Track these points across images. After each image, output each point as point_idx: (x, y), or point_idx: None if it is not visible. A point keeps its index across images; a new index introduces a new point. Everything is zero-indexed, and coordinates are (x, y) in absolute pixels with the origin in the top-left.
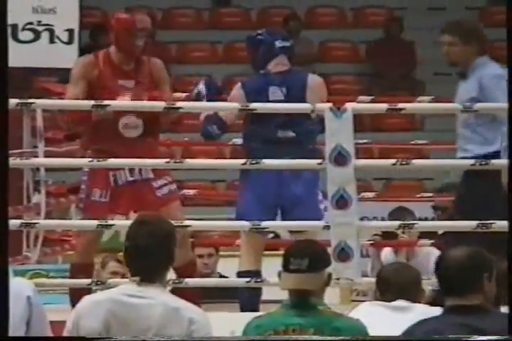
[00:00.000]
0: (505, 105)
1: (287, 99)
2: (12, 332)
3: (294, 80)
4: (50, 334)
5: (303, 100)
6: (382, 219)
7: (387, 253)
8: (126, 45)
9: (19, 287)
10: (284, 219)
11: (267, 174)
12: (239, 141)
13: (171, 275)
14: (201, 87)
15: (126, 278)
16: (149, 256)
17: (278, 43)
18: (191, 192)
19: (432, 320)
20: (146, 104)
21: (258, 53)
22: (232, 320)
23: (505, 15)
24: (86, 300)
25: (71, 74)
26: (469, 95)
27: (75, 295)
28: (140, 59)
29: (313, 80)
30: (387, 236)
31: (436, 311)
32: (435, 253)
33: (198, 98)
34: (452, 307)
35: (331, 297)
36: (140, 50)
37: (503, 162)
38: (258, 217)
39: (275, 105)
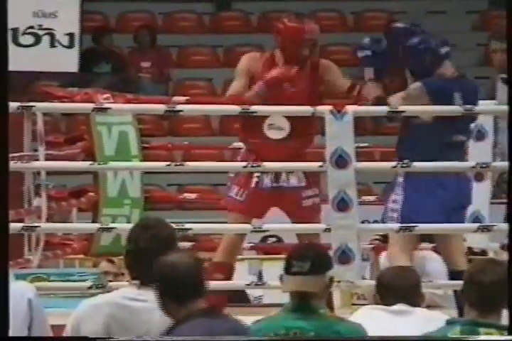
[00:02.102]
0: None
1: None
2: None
3: (468, 87)
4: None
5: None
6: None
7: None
8: (293, 53)
9: (21, 290)
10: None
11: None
12: (240, 144)
13: None
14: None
15: (118, 277)
16: (150, 259)
17: (442, 49)
18: (192, 195)
19: None
20: (146, 107)
21: (422, 61)
22: None
23: (506, 16)
24: (86, 304)
25: (236, 69)
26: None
27: None
28: (305, 63)
29: (479, 89)
30: (387, 240)
31: (437, 315)
32: (433, 257)
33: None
34: None
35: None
36: (305, 58)
37: (503, 164)
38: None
39: (275, 108)
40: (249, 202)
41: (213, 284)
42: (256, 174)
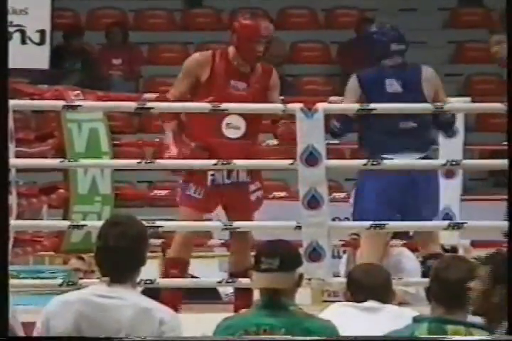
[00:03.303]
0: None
1: (404, 92)
2: None
3: (409, 72)
4: (21, 334)
5: (420, 92)
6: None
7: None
8: (248, 50)
9: None
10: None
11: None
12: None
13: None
14: None
15: (89, 274)
16: (120, 256)
17: (394, 46)
18: (163, 192)
19: None
20: (116, 105)
21: (372, 51)
22: (202, 321)
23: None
24: (56, 301)
25: (182, 69)
26: None
27: None
28: (256, 64)
29: (427, 72)
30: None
31: (407, 312)
32: (407, 254)
33: None
34: None
35: (303, 297)
36: (259, 56)
37: (471, 162)
38: (379, 216)
39: (246, 106)
40: (206, 198)
41: (183, 282)
42: (210, 172)
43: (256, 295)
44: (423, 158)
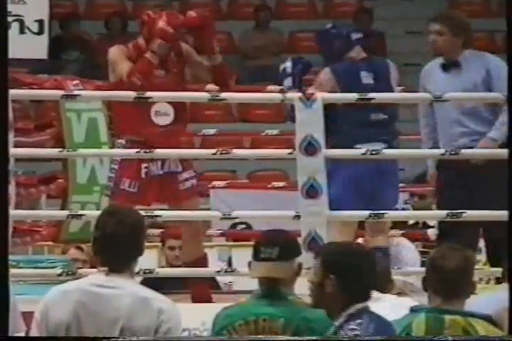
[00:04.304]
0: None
1: (376, 84)
2: None
3: (378, 66)
4: (22, 324)
5: (389, 85)
6: None
7: None
8: (155, 45)
9: None
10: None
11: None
12: (211, 131)
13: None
14: (288, 64)
15: (87, 264)
16: (117, 245)
17: (354, 35)
18: None
19: None
20: (116, 94)
21: (332, 46)
22: (201, 311)
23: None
24: (55, 290)
25: (113, 59)
26: (474, 84)
27: None
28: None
29: (393, 66)
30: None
31: (407, 302)
32: (406, 244)
33: (283, 74)
34: None
35: (302, 287)
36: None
37: (470, 151)
38: (349, 205)
39: (245, 95)
40: (141, 191)
41: (182, 272)
42: (144, 164)
43: (255, 284)
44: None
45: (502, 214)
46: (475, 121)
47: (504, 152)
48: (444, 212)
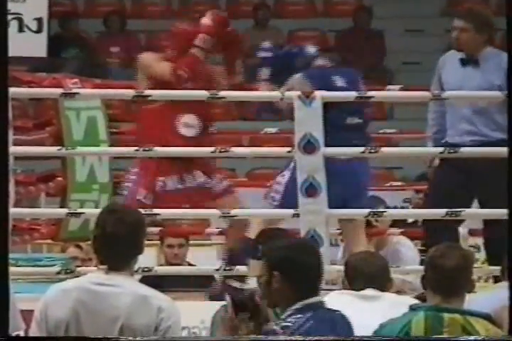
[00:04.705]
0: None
1: (349, 87)
2: None
3: (347, 72)
4: (21, 322)
5: (361, 89)
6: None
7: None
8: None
9: None
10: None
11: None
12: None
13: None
14: (268, 53)
15: (86, 262)
16: (117, 244)
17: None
18: None
19: None
20: (114, 92)
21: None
22: (201, 309)
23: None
24: (54, 289)
25: (145, 63)
26: (491, 82)
27: None
28: None
29: (358, 73)
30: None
31: (406, 300)
32: (405, 242)
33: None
34: None
35: None
36: None
37: (473, 150)
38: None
39: (247, 93)
40: (156, 204)
41: (181, 270)
42: (160, 178)
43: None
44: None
45: (501, 213)
46: (484, 122)
47: (504, 151)
48: (444, 211)
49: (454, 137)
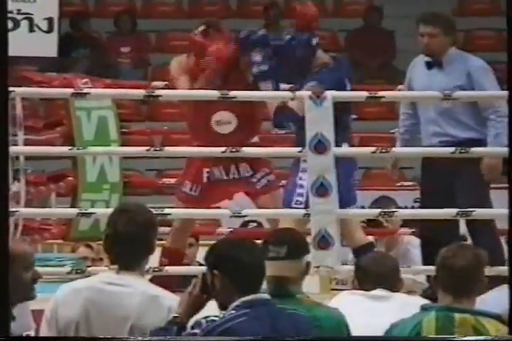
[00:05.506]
0: (488, 93)
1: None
2: None
3: (346, 64)
4: (31, 321)
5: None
6: (362, 208)
7: None
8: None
9: None
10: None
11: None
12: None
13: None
14: (264, 66)
15: (96, 262)
16: (128, 243)
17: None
18: (171, 180)
19: None
20: (125, 92)
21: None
22: (209, 308)
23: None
24: (65, 288)
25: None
26: (454, 83)
27: None
28: None
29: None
30: (373, 225)
31: (416, 300)
32: (416, 242)
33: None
34: None
35: (311, 286)
36: None
37: (484, 150)
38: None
39: (255, 93)
40: (204, 195)
41: (192, 270)
42: (206, 169)
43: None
44: None
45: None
46: (449, 123)
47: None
48: (455, 211)
49: (424, 139)
